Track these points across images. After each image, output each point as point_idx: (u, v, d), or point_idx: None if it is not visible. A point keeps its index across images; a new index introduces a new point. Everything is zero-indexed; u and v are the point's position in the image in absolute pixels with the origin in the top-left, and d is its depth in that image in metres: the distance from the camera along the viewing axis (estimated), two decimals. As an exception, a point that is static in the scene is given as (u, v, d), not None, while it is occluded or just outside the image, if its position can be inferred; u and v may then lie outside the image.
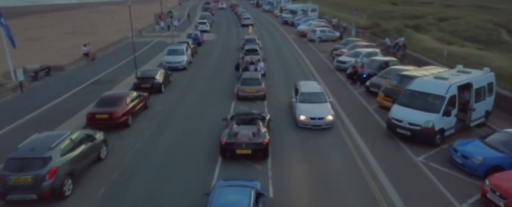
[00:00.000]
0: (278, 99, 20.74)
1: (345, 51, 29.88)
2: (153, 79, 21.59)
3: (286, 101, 20.05)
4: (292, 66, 28.90)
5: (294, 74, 26.38)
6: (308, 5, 62.81)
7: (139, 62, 29.67)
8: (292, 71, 27.35)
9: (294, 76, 25.74)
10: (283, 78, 25.32)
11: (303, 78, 25.13)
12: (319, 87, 18.26)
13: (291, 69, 28.03)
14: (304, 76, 25.78)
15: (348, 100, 20.48)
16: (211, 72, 27.37)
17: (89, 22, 70.84)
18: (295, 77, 25.45)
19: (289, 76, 25.83)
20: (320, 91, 17.62)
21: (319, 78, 24.97)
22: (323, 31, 40.91)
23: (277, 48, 37.42)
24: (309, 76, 25.79)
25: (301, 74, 26.39)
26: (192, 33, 38.79)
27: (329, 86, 23.01)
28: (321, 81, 24.31)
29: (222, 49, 36.71)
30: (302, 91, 17.34)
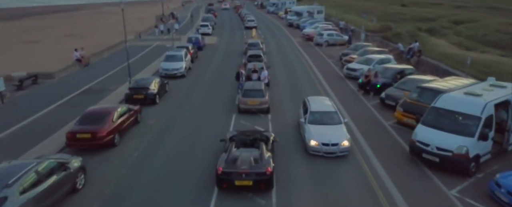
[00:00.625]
0: (284, 112, 18.74)
1: (355, 57, 27.81)
2: (146, 90, 19.68)
3: (293, 116, 18.04)
4: (298, 74, 26.88)
5: (300, 83, 24.36)
6: (314, 7, 60.75)
7: (135, 68, 27.92)
8: (299, 79, 25.33)
9: (300, 85, 23.73)
10: (288, 87, 23.30)
11: (311, 87, 23.19)
12: (331, 105, 15.78)
13: (297, 77, 26.01)
14: (312, 85, 23.76)
15: (361, 114, 18.43)
16: (211, 80, 25.43)
17: (90, 24, 69.30)
18: (302, 86, 23.44)
19: (295, 85, 23.81)
20: (334, 110, 15.14)
21: (328, 88, 22.94)
22: (330, 34, 38.86)
23: (282, 52, 35.43)
24: (317, 85, 23.76)
25: (308, 83, 24.36)
26: (193, 37, 36.92)
27: (339, 97, 20.98)
28: (330, 91, 22.28)
29: (224, 54, 34.78)
30: (312, 109, 14.87)
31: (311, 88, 23.07)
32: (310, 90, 22.44)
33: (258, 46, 32.92)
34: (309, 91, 22.36)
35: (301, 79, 25.22)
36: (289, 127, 16.70)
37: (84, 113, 14.96)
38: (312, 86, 23.41)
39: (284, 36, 46.56)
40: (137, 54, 34.37)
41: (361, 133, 15.94)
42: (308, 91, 22.36)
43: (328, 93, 21.91)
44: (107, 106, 16.29)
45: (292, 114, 18.40)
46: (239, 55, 33.83)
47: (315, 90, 22.61)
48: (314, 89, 22.82)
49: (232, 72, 26.61)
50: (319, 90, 22.66)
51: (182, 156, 13.98)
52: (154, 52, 35.23)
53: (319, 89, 22.75)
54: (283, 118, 18.04)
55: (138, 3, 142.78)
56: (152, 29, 51.50)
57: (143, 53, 35.09)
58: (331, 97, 21.10)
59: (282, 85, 23.80)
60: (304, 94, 21.51)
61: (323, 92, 22.17)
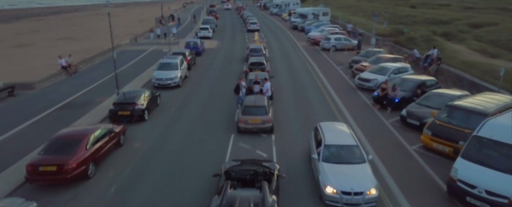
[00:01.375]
0: (290, 132, 16.27)
1: (367, 65, 25.30)
2: (133, 105, 17.24)
3: (300, 137, 15.59)
4: (305, 84, 24.37)
5: (308, 95, 21.85)
6: (319, 8, 58.27)
7: (126, 77, 25.54)
8: (306, 91, 22.82)
9: (308, 98, 21.23)
10: (295, 101, 20.80)
11: (319, 101, 20.71)
12: (351, 135, 12.41)
13: (304, 88, 23.50)
14: (320, 97, 21.26)
15: (379, 135, 15.93)
16: (209, 91, 22.98)
17: (88, 26, 67.10)
18: (309, 99, 20.94)
19: (302, 98, 21.30)
20: (355, 143, 11.76)
21: (339, 101, 20.43)
22: (338, 39, 36.35)
23: (286, 59, 32.95)
24: (326, 97, 21.26)
25: (317, 95, 21.86)
26: (191, 42, 34.51)
27: (352, 113, 18.49)
28: (341, 105, 19.78)
29: (224, 60, 32.34)
30: (327, 142, 11.57)
31: (320, 101, 20.58)
32: (319, 105, 19.97)
33: (261, 52, 30.45)
34: (318, 105, 19.89)
35: (309, 91, 22.71)
36: (297, 153, 14.19)
37: (52, 139, 12.49)
38: (321, 100, 20.91)
39: (288, 40, 44.10)
40: (130, 60, 31.99)
41: (381, 160, 13.44)
42: (317, 105, 19.89)
43: (339, 107, 19.41)
44: (80, 129, 13.82)
45: (300, 135, 15.94)
46: (240, 62, 31.39)
47: (325, 104, 20.13)
48: (324, 103, 20.33)
49: (232, 82, 24.17)
50: (329, 103, 20.17)
51: (167, 194, 11.51)
52: (149, 58, 32.82)
53: (329, 103, 20.25)
54: (289, 139, 15.57)
55: (139, 4, 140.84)
56: (148, 33, 49.12)
57: (137, 60, 32.69)
58: (343, 113, 18.64)
59: (288, 98, 21.32)
60: (312, 110, 19.11)
61: (333, 106, 19.68)
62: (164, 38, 41.23)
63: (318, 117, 18.03)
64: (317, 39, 39.44)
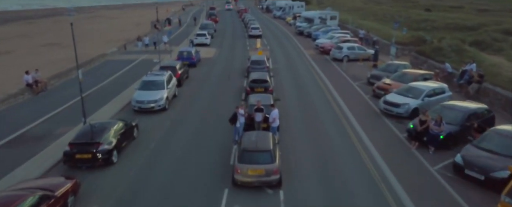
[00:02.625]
0: (305, 186, 12.03)
1: (390, 83, 21.05)
2: (97, 146, 13.04)
3: (320, 194, 11.38)
4: (318, 107, 20.10)
5: (324, 124, 17.53)
6: (327, 12, 54.00)
7: (103, 97, 21.39)
8: (320, 117, 18.52)
9: (323, 127, 16.92)
10: (307, 133, 16.50)
11: (339, 132, 16.46)
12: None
13: (317, 112, 19.22)
14: (340, 128, 16.97)
15: (427, 192, 11.66)
16: (201, 116, 18.75)
17: (80, 30, 63.09)
18: (326, 130, 16.64)
19: (316, 128, 16.99)
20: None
21: (363, 134, 16.16)
22: (351, 48, 32.06)
23: (293, 71, 28.70)
24: (346, 127, 17.00)
25: (334, 124, 17.57)
26: (184, 51, 30.29)
27: (383, 153, 14.25)
28: (367, 139, 15.52)
29: (222, 73, 28.13)
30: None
31: (340, 134, 16.30)
32: (338, 139, 15.70)
33: (263, 65, 26.26)
34: (337, 140, 15.62)
35: (324, 117, 18.43)
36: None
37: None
38: (340, 131, 16.62)
39: (293, 48, 39.84)
40: (113, 73, 27.78)
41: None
42: (337, 140, 15.62)
43: (364, 143, 15.16)
44: (6, 194, 9.58)
45: (319, 189, 11.73)
46: (240, 75, 27.18)
47: (346, 138, 15.86)
48: (344, 136, 16.05)
49: (229, 103, 20.01)
50: (351, 137, 15.91)
51: None
52: (137, 70, 28.59)
53: (351, 136, 15.98)
54: (305, 198, 11.35)
55: (140, 5, 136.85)
56: (135, 41, 44.81)
57: (122, 72, 28.50)
58: (370, 151, 14.38)
59: (298, 128, 17.05)
60: (331, 147, 14.84)
61: (357, 141, 15.43)
62: (154, 48, 36.60)
63: (340, 159, 13.86)
64: (326, 47, 35.19)
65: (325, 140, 15.69)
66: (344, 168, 13.31)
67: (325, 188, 11.93)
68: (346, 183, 12.30)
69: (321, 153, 14.44)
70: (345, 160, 13.93)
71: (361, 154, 14.39)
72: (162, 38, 33.86)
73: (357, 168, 13.32)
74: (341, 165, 13.49)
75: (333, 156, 14.24)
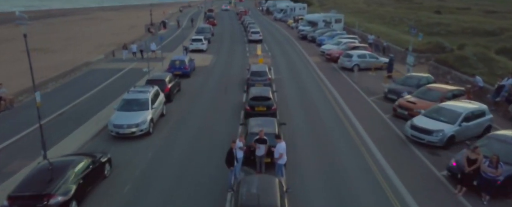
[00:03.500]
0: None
1: (415, 101, 17.91)
2: (46, 199, 9.83)
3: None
4: (331, 132, 16.93)
5: (340, 155, 14.36)
6: (331, 14, 50.88)
7: (76, 118, 18.19)
8: (334, 145, 15.36)
9: (342, 165, 13.74)
10: (322, 173, 13.31)
11: (359, 167, 13.29)
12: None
13: (331, 138, 16.06)
14: (359, 160, 13.83)
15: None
16: (191, 143, 15.61)
17: (70, 34, 59.96)
18: (345, 167, 13.45)
19: (331, 161, 13.83)
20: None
21: (389, 169, 13.03)
22: (362, 56, 28.90)
23: (297, 82, 25.57)
24: (368, 160, 13.85)
25: (351, 152, 14.43)
26: (177, 60, 27.13)
27: (417, 197, 11.16)
28: (394, 176, 12.38)
29: (219, 85, 25.01)
30: None
31: (360, 169, 13.16)
32: (360, 178, 12.51)
33: (265, 76, 23.16)
34: (358, 179, 12.41)
35: (338, 146, 15.27)
36: None
37: None
38: (360, 165, 13.48)
39: (297, 54, 36.70)
40: (96, 85, 24.57)
41: None
42: (357, 179, 12.41)
43: (394, 186, 12.01)
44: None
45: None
46: (238, 87, 24.08)
47: (369, 173, 12.71)
48: (367, 172, 12.91)
49: (226, 124, 16.93)
50: (375, 173, 12.77)
51: None
52: (120, 83, 25.33)
53: (375, 172, 12.84)
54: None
55: (136, 7, 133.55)
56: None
57: (106, 84, 25.32)
58: (402, 196, 11.22)
59: (308, 163, 13.87)
60: (351, 190, 11.54)
61: (383, 180, 12.30)
62: (141, 57, 33.21)
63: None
64: (333, 54, 32.05)
65: (344, 180, 12.51)
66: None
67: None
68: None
69: (339, 199, 11.29)
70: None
71: (392, 200, 11.25)
72: (150, 46, 30.52)
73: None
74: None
75: (355, 204, 11.10)
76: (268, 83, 23.30)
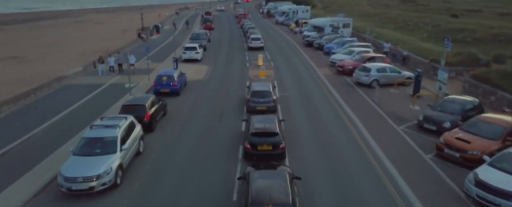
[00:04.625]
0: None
1: (469, 140, 13.66)
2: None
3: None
4: (357, 180, 12.67)
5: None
6: (339, 18, 46.61)
7: (22, 158, 13.86)
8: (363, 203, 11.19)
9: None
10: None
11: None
12: None
13: (359, 190, 11.83)
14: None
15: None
16: (173, 198, 11.36)
17: (55, 39, 55.66)
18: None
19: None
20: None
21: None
22: (382, 69, 24.62)
23: (307, 104, 21.30)
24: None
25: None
26: (164, 76, 22.86)
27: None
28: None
29: (213, 107, 20.75)
30: None
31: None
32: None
33: (269, 98, 19.05)
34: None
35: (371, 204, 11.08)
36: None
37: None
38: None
39: (303, 65, 32.44)
40: (59, 111, 19.77)
41: None
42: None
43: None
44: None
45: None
46: (237, 111, 19.86)
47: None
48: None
49: (220, 171, 12.75)
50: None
51: None
52: (95, 106, 20.83)
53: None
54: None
55: (132, 8, 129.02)
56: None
57: (79, 105, 20.99)
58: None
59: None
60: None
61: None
62: (119, 73, 28.08)
63: None
64: (346, 66, 27.81)
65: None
66: None
67: None
68: None
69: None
70: None
71: None
72: (129, 59, 25.64)
73: None
74: None
75: None
76: (273, 105, 19.21)
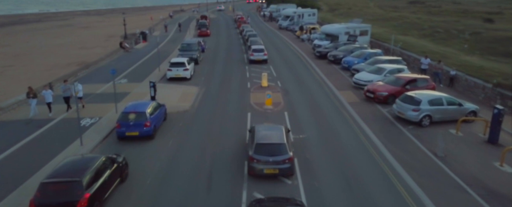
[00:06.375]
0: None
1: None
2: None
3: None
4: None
5: None
6: (354, 24, 39.75)
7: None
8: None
9: None
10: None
11: None
12: None
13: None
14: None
15: None
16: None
17: (27, 48, 48.90)
18: None
19: None
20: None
21: None
22: (436, 101, 17.76)
23: (335, 154, 14.48)
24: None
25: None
26: (131, 113, 15.92)
27: None
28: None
29: (200, 160, 13.90)
30: None
31: None
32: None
33: (283, 156, 12.43)
34: None
35: None
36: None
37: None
38: None
39: (319, 85, 25.64)
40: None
41: None
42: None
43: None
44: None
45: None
46: (233, 172, 13.07)
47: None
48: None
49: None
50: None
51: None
52: (12, 169, 14.28)
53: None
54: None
55: (127, 10, 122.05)
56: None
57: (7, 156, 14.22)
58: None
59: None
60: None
61: None
62: (66, 111, 19.52)
63: None
64: (379, 91, 20.99)
65: None
66: None
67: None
68: None
69: None
70: None
71: None
72: (76, 87, 16.75)
73: None
74: None
75: None
76: (288, 168, 12.54)
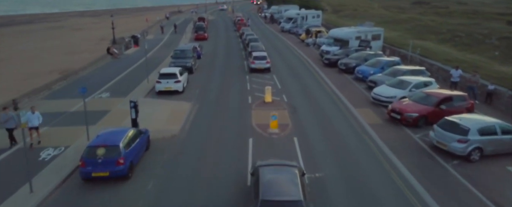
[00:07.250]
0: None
1: None
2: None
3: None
4: None
5: None
6: (366, 28, 36.03)
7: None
8: None
9: None
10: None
11: None
12: None
13: None
14: None
15: None
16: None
17: (7, 53, 45.19)
18: None
19: None
20: None
21: None
22: (489, 129, 13.99)
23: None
24: None
25: None
26: (99, 146, 12.23)
27: None
28: None
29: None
30: None
31: None
32: None
33: None
34: None
35: None
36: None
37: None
38: None
39: (332, 101, 21.99)
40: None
41: None
42: None
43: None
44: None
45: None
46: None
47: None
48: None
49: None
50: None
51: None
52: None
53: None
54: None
55: (124, 11, 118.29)
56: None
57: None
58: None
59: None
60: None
61: None
62: (9, 147, 15.38)
63: None
64: (407, 112, 17.30)
65: None
66: None
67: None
68: None
69: None
70: None
71: None
72: (32, 119, 13.32)
73: None
74: None
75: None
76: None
